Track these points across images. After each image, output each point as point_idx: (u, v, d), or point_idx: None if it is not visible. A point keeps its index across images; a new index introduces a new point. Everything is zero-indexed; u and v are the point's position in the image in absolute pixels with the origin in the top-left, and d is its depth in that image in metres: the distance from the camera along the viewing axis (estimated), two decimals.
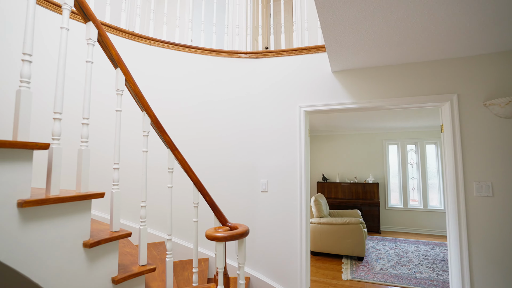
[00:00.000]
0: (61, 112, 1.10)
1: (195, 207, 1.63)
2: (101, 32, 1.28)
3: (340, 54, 2.23)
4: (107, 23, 2.44)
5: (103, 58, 2.61)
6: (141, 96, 1.43)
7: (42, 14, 2.40)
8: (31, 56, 1.01)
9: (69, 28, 1.13)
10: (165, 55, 2.80)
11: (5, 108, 2.22)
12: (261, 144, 2.75)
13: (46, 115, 2.44)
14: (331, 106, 2.64)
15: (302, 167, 2.61)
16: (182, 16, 4.55)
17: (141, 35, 2.64)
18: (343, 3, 1.52)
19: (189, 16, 2.87)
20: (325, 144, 6.97)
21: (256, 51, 2.92)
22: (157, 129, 1.50)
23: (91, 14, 1.23)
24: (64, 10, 1.14)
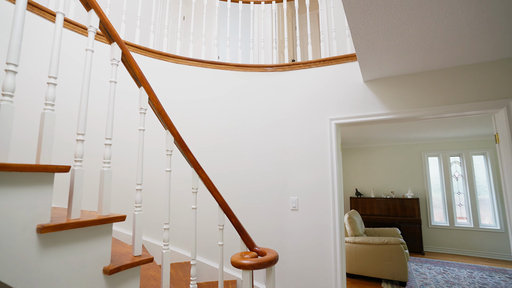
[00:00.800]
0: (84, 133, 1.09)
1: (220, 229, 1.54)
2: (125, 52, 1.28)
3: (372, 61, 2.07)
4: (136, 44, 2.53)
5: (126, 77, 2.69)
6: (164, 114, 1.40)
7: (67, 35, 2.45)
8: (56, 79, 1.01)
9: (93, 49, 1.13)
10: (192, 72, 2.83)
11: (29, 130, 2.23)
12: (290, 160, 2.62)
13: (67, 135, 2.36)
14: (364, 118, 2.46)
15: (334, 183, 2.44)
16: (208, 34, 4.67)
17: (168, 54, 2.70)
18: (375, 6, 1.40)
19: (215, 33, 2.90)
20: (358, 157, 6.62)
21: (283, 64, 2.85)
22: (181, 148, 1.45)
23: (115, 35, 1.23)
24: (89, 32, 1.15)
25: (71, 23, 2.25)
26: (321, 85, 2.66)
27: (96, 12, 1.17)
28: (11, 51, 0.90)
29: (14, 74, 0.91)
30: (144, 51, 2.56)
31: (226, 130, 2.76)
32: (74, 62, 2.42)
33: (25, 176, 0.87)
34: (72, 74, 2.40)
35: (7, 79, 0.90)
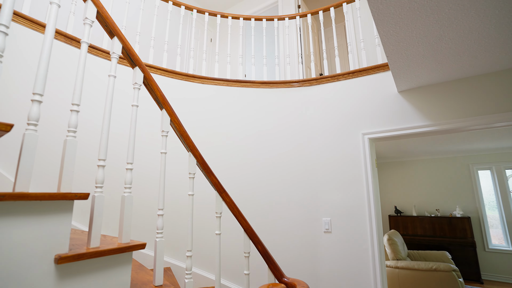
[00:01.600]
0: (105, 158, 1.08)
1: (246, 257, 1.44)
2: (146, 76, 1.28)
3: (406, 70, 1.91)
4: (161, 67, 2.62)
5: (148, 100, 2.62)
6: (186, 136, 1.37)
7: (89, 59, 2.38)
8: (78, 106, 1.02)
9: (116, 75, 1.14)
10: (218, 91, 2.85)
11: (49, 154, 2.01)
12: (322, 178, 2.47)
13: (87, 158, 2.19)
14: (400, 131, 2.26)
15: (371, 202, 2.23)
16: (233, 53, 4.76)
17: (194, 75, 2.75)
18: (408, 9, 1.28)
19: (240, 52, 2.92)
20: (395, 171, 6.17)
21: (310, 78, 2.77)
22: (204, 170, 1.40)
23: (137, 60, 1.25)
24: (112, 58, 1.17)
25: (94, 48, 2.35)
26: (352, 98, 2.51)
27: (119, 39, 1.20)
28: (38, 81, 0.93)
29: (39, 104, 0.93)
30: (170, 74, 2.64)
31: (253, 148, 2.70)
32: (96, 86, 2.33)
33: (44, 205, 0.86)
34: (93, 97, 2.31)
35: (33, 108, 0.92)
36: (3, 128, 0.80)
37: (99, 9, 1.13)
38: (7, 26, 0.90)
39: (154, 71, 2.55)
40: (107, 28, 1.18)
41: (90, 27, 1.11)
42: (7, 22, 0.90)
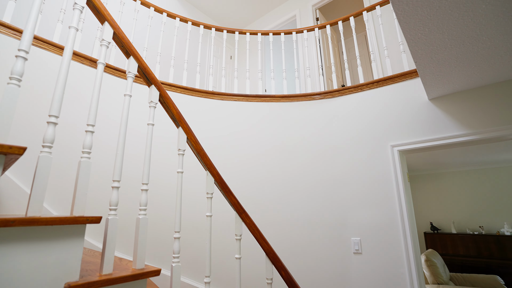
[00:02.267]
0: (120, 179, 1.05)
1: (269, 283, 1.32)
2: (162, 94, 1.27)
3: (438, 75, 1.76)
4: (180, 85, 2.65)
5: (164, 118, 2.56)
6: (203, 154, 1.32)
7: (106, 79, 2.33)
8: (94, 126, 1.01)
9: (131, 94, 1.13)
10: (238, 107, 2.83)
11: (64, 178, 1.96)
12: (349, 195, 2.31)
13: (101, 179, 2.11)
14: (434, 142, 2.08)
15: (405, 220, 2.04)
16: (252, 68, 4.78)
17: (213, 91, 2.76)
18: (437, 9, 1.17)
19: (259, 67, 2.90)
20: (429, 185, 5.74)
21: (331, 90, 2.67)
22: (222, 189, 1.34)
23: (152, 78, 1.24)
24: (128, 77, 1.17)
25: (110, 68, 2.34)
26: (377, 109, 2.37)
27: (134, 58, 1.20)
28: (54, 103, 0.93)
29: (54, 126, 0.92)
30: (190, 91, 2.66)
31: (274, 164, 2.61)
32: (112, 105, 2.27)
33: (55, 230, 0.83)
34: (109, 117, 2.25)
35: (48, 131, 0.91)
36: (16, 151, 0.80)
37: (115, 30, 1.14)
38: (26, 51, 0.92)
39: (173, 89, 2.59)
40: (123, 48, 1.18)
41: (107, 48, 1.12)
42: (27, 48, 0.91)
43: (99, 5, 1.11)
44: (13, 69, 0.87)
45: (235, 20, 4.98)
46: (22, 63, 0.89)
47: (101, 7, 1.11)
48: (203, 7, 4.71)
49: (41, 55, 2.02)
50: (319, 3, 4.24)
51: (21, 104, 1.87)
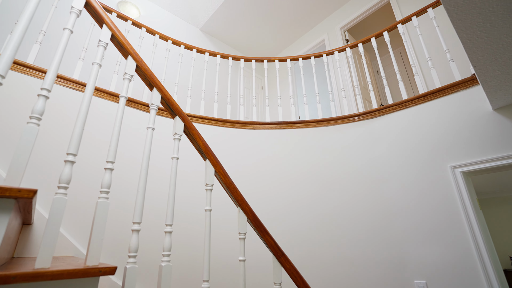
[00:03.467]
0: (140, 221, 0.94)
1: None
2: (187, 125, 1.18)
3: (505, 80, 1.47)
4: (212, 117, 2.62)
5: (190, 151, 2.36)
6: (233, 189, 1.18)
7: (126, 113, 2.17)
8: (113, 163, 0.94)
9: (154, 127, 1.06)
10: (271, 135, 2.70)
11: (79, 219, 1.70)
12: (406, 228, 1.98)
13: (120, 219, 1.81)
14: (505, 160, 1.72)
15: (483, 255, 1.65)
16: (284, 95, 4.71)
17: (245, 121, 2.69)
18: None
19: (290, 93, 2.80)
20: (502, 210, 4.90)
21: (371, 110, 2.45)
22: (256, 228, 1.16)
23: (176, 108, 1.17)
24: (151, 109, 1.11)
25: (131, 101, 2.22)
26: (427, 126, 2.09)
27: (158, 90, 1.15)
28: (73, 140, 0.88)
29: (71, 165, 0.86)
30: (220, 122, 2.62)
31: (312, 196, 2.37)
32: (133, 140, 2.09)
33: (64, 285, 0.72)
34: (130, 151, 2.05)
35: (65, 170, 0.85)
36: (25, 194, 0.73)
37: (138, 63, 1.11)
38: (49, 90, 0.90)
39: (204, 122, 2.56)
40: (146, 80, 1.15)
41: (129, 82, 1.08)
42: (49, 86, 0.89)
43: (122, 41, 1.10)
44: (34, 108, 0.84)
45: (263, 51, 5.08)
46: (43, 102, 0.86)
47: (125, 42, 1.10)
48: (231, 41, 4.89)
49: (59, 91, 1.90)
50: (347, 25, 4.16)
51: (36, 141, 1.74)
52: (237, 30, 4.60)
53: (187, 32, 4.38)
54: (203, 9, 4.31)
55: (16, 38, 0.86)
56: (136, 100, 2.18)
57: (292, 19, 4.43)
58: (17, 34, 0.86)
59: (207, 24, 4.49)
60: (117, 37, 1.08)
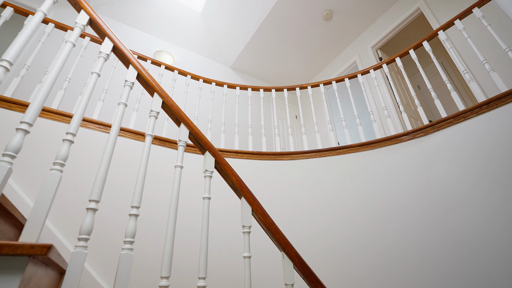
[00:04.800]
0: (169, 275, 0.80)
1: None
2: (218, 160, 1.08)
3: None
4: (247, 151, 2.51)
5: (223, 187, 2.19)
6: (275, 230, 1.01)
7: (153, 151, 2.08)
8: (138, 208, 0.84)
9: (183, 165, 0.97)
10: (311, 165, 2.51)
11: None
12: (492, 268, 1.57)
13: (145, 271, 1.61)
14: None
15: None
16: (320, 121, 4.52)
17: (282, 152, 2.54)
18: None
19: (327, 118, 2.64)
20: None
21: (423, 127, 2.17)
22: (305, 278, 0.96)
23: (206, 143, 1.08)
24: (179, 146, 1.03)
25: (158, 139, 2.14)
26: (496, 137, 1.75)
27: (185, 125, 1.07)
28: (96, 187, 0.81)
29: (93, 213, 0.78)
30: (256, 155, 2.50)
31: (365, 226, 2.06)
32: (160, 180, 1.96)
33: None
34: (156, 193, 1.91)
35: (86, 219, 0.76)
36: (39, 251, 0.65)
37: (164, 99, 1.06)
38: (74, 134, 0.86)
39: (239, 156, 2.47)
40: (173, 116, 1.09)
41: (155, 119, 1.03)
42: (74, 130, 0.86)
43: (147, 78, 1.07)
44: (59, 154, 0.80)
45: (294, 80, 5.06)
46: (68, 147, 0.82)
47: (150, 79, 1.07)
48: (261, 75, 4.96)
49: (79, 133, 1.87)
50: (378, 43, 3.99)
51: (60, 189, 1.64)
52: (266, 63, 4.68)
53: (218, 71, 4.57)
54: (231, 49, 4.50)
55: (45, 89, 0.86)
56: (164, 138, 2.16)
57: (321, 45, 4.40)
58: (46, 85, 0.86)
59: (236, 62, 4.65)
60: (142, 75, 1.06)
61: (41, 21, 1.03)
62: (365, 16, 3.97)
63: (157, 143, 2.11)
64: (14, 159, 0.76)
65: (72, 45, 0.99)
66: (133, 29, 4.07)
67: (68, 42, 0.98)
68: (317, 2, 3.73)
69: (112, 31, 1.09)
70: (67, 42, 0.98)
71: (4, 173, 0.69)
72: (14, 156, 0.73)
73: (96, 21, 1.07)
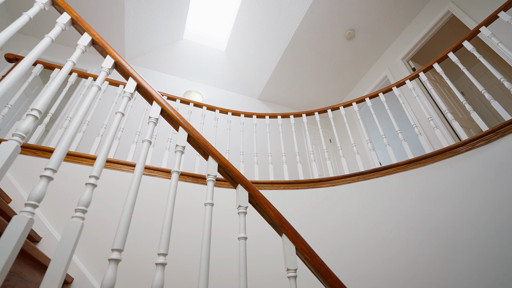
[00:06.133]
0: None
1: None
2: (252, 193, 0.96)
3: None
4: (279, 181, 2.36)
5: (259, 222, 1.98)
6: (326, 272, 0.83)
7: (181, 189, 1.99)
8: (165, 256, 0.74)
9: (213, 202, 0.86)
10: (355, 189, 2.27)
11: None
12: None
13: None
14: None
15: None
16: (358, 141, 4.24)
17: (321, 178, 2.34)
18: None
19: (365, 137, 2.43)
20: None
21: (486, 132, 1.87)
22: None
23: (237, 176, 0.97)
24: (208, 181, 0.94)
25: (185, 175, 2.04)
26: None
27: (214, 157, 0.99)
28: (118, 238, 0.72)
29: (116, 264, 0.69)
30: (292, 185, 2.33)
31: (424, 259, 1.72)
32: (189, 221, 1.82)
33: None
34: (186, 236, 1.75)
35: (108, 271, 0.67)
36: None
37: (189, 132, 1.00)
38: (97, 177, 0.81)
39: (276, 187, 2.32)
40: (200, 150, 1.01)
41: (182, 154, 0.96)
42: (98, 173, 0.81)
43: (172, 113, 1.02)
44: (81, 199, 0.74)
45: (322, 104, 4.93)
46: (90, 192, 0.76)
47: (174, 114, 1.02)
48: (289, 102, 4.92)
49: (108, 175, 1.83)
50: (408, 54, 3.77)
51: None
52: (292, 90, 4.65)
53: (246, 104, 4.62)
54: (257, 81, 4.57)
55: (70, 135, 0.84)
56: (196, 175, 2.08)
57: (346, 65, 4.29)
58: (70, 131, 0.84)
59: (263, 93, 4.68)
60: (166, 110, 1.02)
61: (69, 71, 1.07)
62: (389, 29, 3.84)
63: (189, 180, 2.05)
64: (36, 208, 0.72)
65: (97, 88, 0.98)
66: (164, 74, 4.34)
67: (94, 86, 0.98)
68: (338, 24, 3.70)
69: (136, 71, 1.09)
70: (93, 86, 0.98)
71: (24, 225, 0.64)
72: (36, 205, 0.69)
73: (120, 63, 1.08)
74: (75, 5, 3.38)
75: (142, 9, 3.58)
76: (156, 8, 3.63)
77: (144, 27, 3.79)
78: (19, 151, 0.76)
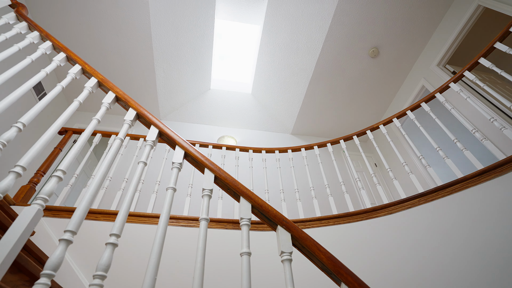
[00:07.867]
0: None
1: None
2: (296, 235, 0.79)
3: None
4: (325, 216, 2.10)
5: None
6: None
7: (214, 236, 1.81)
8: None
9: (250, 251, 0.72)
10: (417, 216, 1.94)
11: None
12: None
13: None
14: None
15: None
16: (408, 160, 3.81)
17: (374, 207, 2.05)
18: None
19: (417, 153, 2.15)
20: None
21: None
22: None
23: (275, 216, 0.82)
24: (242, 226, 0.80)
25: (215, 221, 1.87)
26: None
27: (245, 198, 0.87)
28: None
29: None
30: (340, 219, 2.06)
31: None
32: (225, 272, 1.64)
33: None
34: None
35: None
36: None
37: (216, 173, 0.90)
38: (118, 236, 0.73)
39: (324, 223, 2.07)
40: (230, 191, 0.90)
41: (209, 198, 0.85)
42: (119, 231, 0.73)
43: (195, 155, 0.95)
44: (99, 263, 0.65)
45: (360, 126, 4.66)
46: (110, 253, 0.68)
47: (198, 155, 0.95)
48: (323, 132, 4.73)
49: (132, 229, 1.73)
50: (443, 58, 3.49)
51: None
52: (324, 118, 4.49)
53: (279, 141, 4.54)
54: (287, 116, 4.52)
55: (91, 193, 0.79)
56: (223, 219, 1.91)
57: (376, 83, 4.09)
58: (91, 190, 0.80)
59: (295, 126, 4.59)
60: (190, 153, 0.95)
61: (93, 130, 1.08)
62: (415, 38, 3.64)
63: (220, 226, 1.90)
64: (51, 278, 0.64)
65: (120, 141, 0.96)
66: (196, 124, 4.51)
67: (117, 139, 0.96)
68: (359, 45, 3.62)
69: (158, 119, 1.07)
70: (116, 140, 0.96)
71: None
72: (52, 275, 0.61)
73: (142, 113, 1.07)
74: (112, 78, 3.78)
75: (170, 69, 3.88)
76: (183, 66, 3.91)
77: (174, 85, 4.07)
78: (41, 215, 0.72)
